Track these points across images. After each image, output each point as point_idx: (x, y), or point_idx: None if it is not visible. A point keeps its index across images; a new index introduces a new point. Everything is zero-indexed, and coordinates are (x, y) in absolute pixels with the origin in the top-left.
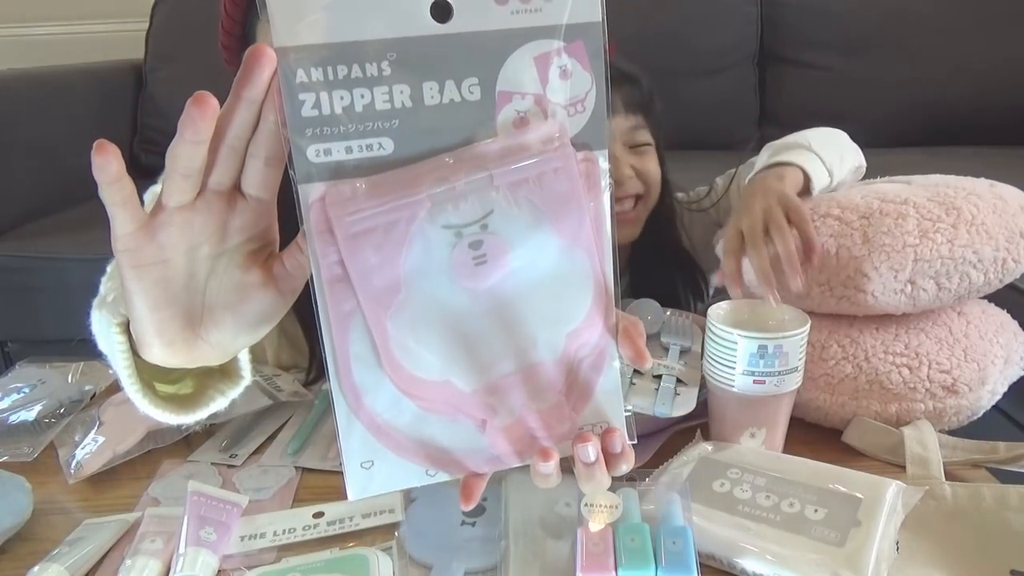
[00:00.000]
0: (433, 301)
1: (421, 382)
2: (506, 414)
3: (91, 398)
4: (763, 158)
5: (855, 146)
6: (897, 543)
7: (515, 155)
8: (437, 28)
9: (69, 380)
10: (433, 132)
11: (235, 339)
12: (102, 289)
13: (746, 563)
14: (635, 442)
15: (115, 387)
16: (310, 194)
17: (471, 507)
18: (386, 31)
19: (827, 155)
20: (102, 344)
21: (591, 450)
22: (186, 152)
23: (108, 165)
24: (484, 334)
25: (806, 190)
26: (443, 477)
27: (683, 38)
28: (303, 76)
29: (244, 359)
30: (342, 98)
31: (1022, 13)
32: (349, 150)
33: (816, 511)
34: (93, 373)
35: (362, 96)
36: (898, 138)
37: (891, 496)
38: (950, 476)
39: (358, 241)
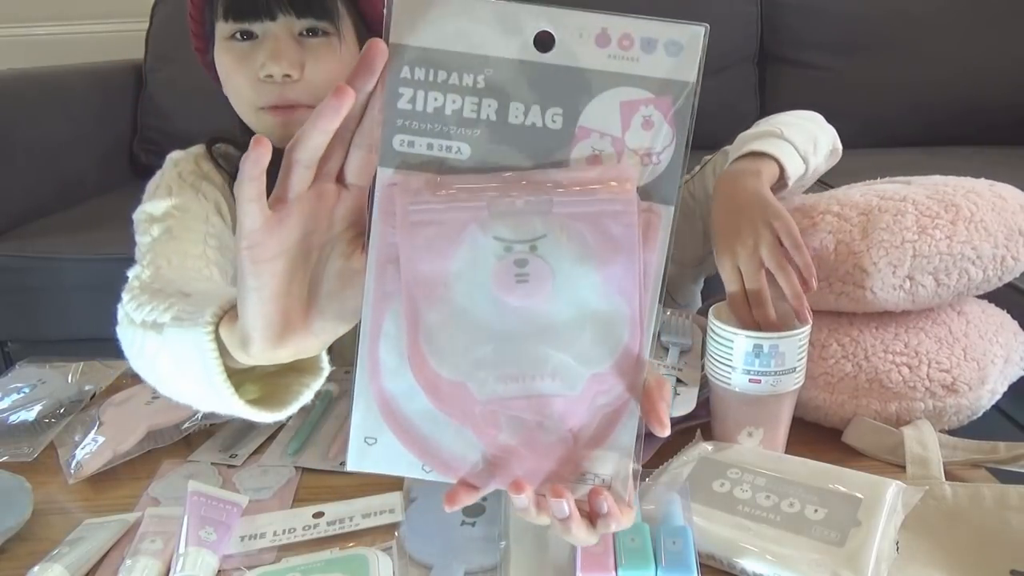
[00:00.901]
0: (469, 305)
1: (438, 379)
2: (510, 434)
3: (91, 398)
4: (736, 147)
5: (829, 128)
6: (897, 543)
7: (580, 188)
8: (536, 56)
9: (69, 380)
10: (509, 149)
11: (336, 328)
12: (139, 315)
13: (746, 563)
14: (632, 500)
15: (115, 387)
16: (384, 178)
17: (451, 511)
18: (491, 49)
19: (800, 142)
20: (173, 363)
21: (564, 506)
22: (315, 142)
23: (261, 159)
24: (509, 350)
25: (781, 180)
26: (437, 477)
27: None
28: (407, 72)
29: (323, 352)
30: (436, 99)
31: (1022, 13)
32: (430, 147)
33: (816, 511)
34: (93, 373)
35: (453, 102)
36: (898, 138)
37: (891, 496)
38: (950, 476)
39: (415, 230)
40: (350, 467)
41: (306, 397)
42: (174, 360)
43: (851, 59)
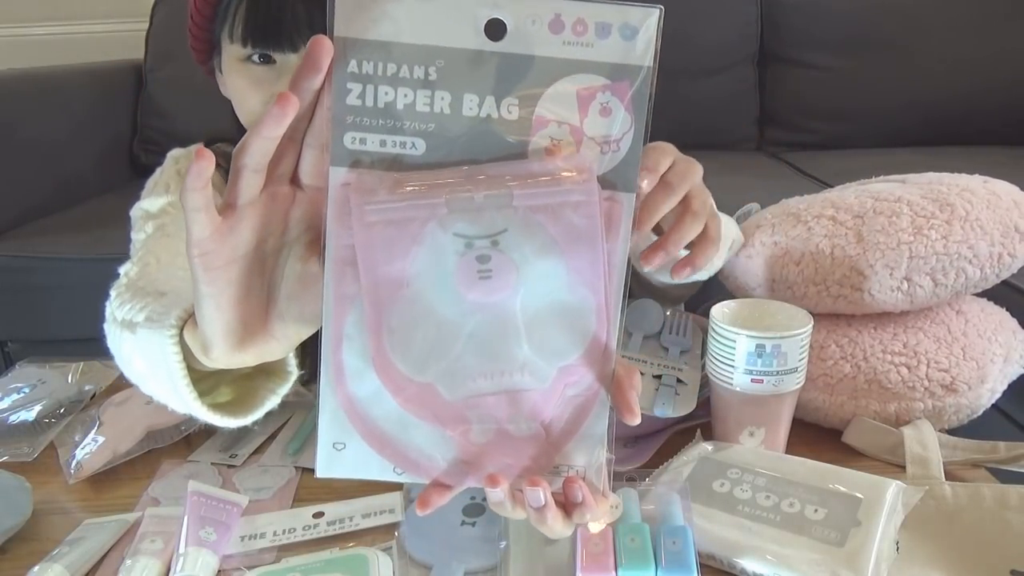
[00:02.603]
0: (432, 304)
1: (405, 380)
2: (481, 432)
3: (91, 398)
4: None
5: (734, 223)
6: (897, 543)
7: (540, 180)
8: (488, 45)
9: (69, 380)
10: (465, 142)
11: (298, 331)
12: (120, 313)
13: (746, 563)
14: (608, 490)
15: (115, 387)
16: (337, 177)
17: (424, 514)
18: (440, 39)
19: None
20: (145, 363)
21: (540, 495)
22: (260, 148)
23: (204, 172)
24: (475, 347)
25: None
26: (409, 479)
27: (683, 38)
28: (354, 67)
29: (290, 355)
30: (386, 94)
31: (1021, 13)
32: (383, 143)
33: (816, 511)
34: (93, 373)
35: (405, 95)
36: (898, 138)
37: (891, 496)
38: (950, 476)
39: (372, 231)
40: (320, 474)
41: (272, 403)
42: (145, 360)
43: (851, 59)
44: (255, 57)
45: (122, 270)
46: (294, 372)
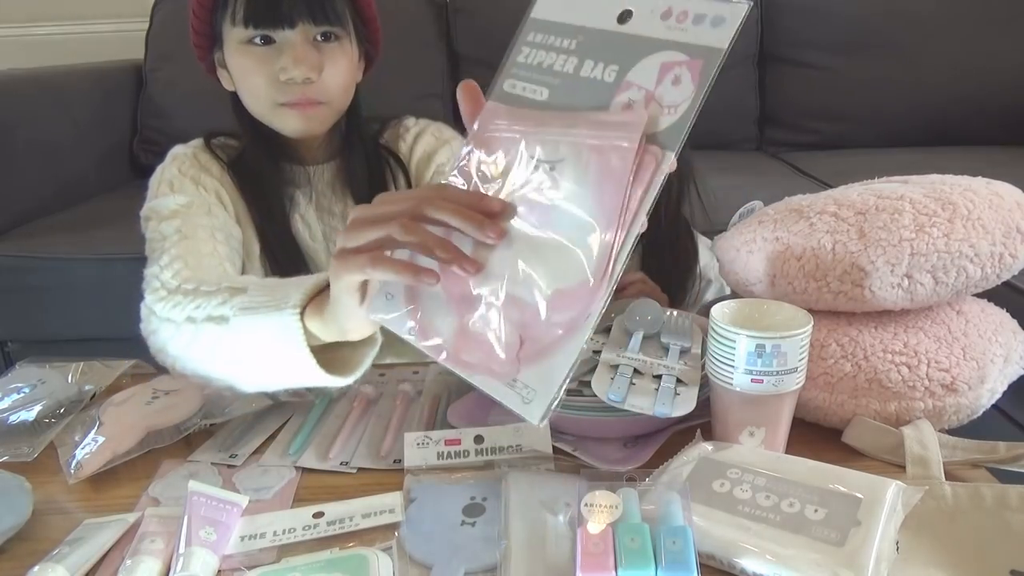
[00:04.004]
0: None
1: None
2: (475, 323)
3: (91, 398)
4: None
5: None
6: (897, 543)
7: (604, 125)
8: (615, 27)
9: (69, 380)
10: (575, 94)
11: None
12: (189, 312)
13: (746, 563)
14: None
15: (115, 387)
16: (488, 106)
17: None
18: (585, 21)
19: None
20: (247, 347)
21: None
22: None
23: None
24: (503, 252)
25: None
26: (413, 341)
27: None
28: (533, 37)
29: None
30: (540, 56)
31: (1021, 13)
32: (524, 89)
33: (816, 511)
34: (93, 373)
35: (550, 58)
36: (898, 138)
37: (891, 496)
38: (950, 476)
39: (486, 141)
40: (368, 314)
41: (368, 362)
42: (249, 345)
43: (851, 59)
44: (257, 39)
45: (149, 272)
46: (379, 339)
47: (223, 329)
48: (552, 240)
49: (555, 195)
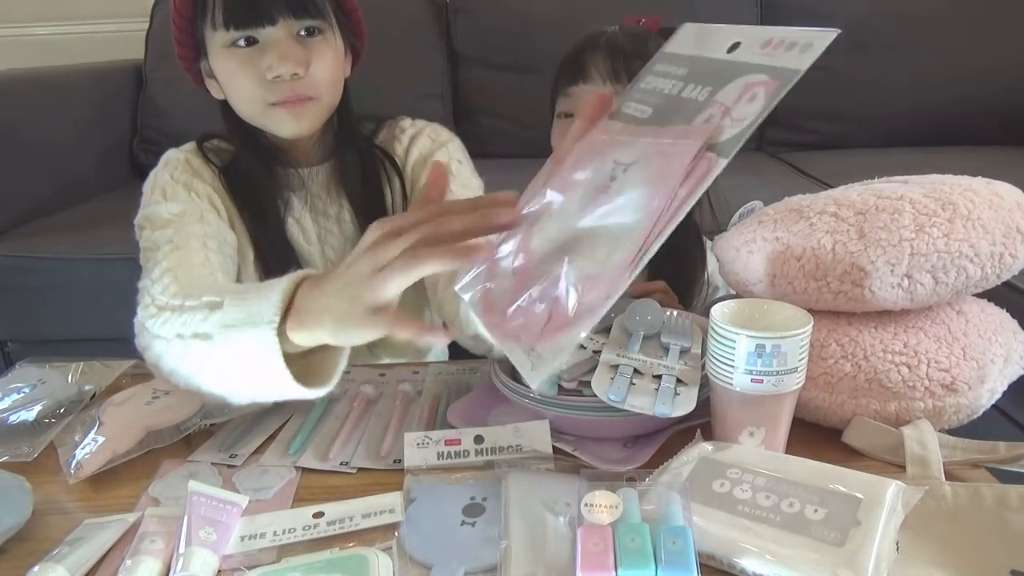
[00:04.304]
0: (577, 197)
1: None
2: (524, 301)
3: (91, 398)
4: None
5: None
6: (897, 543)
7: (675, 135)
8: (722, 56)
9: (69, 380)
10: (671, 112)
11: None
12: (176, 330)
13: (746, 563)
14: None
15: (115, 387)
16: (600, 124)
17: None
18: (702, 51)
19: None
20: (228, 363)
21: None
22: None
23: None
24: (563, 235)
25: None
26: (472, 305)
27: None
28: (658, 67)
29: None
30: (657, 82)
31: (1021, 13)
32: (634, 109)
33: (816, 511)
34: (93, 373)
35: (662, 84)
36: (898, 138)
37: (891, 496)
38: (950, 476)
39: (588, 142)
40: (458, 288)
41: (340, 371)
42: (229, 360)
43: (851, 59)
44: (240, 41)
45: (141, 285)
46: (347, 350)
47: (209, 346)
48: (604, 230)
49: (619, 191)
